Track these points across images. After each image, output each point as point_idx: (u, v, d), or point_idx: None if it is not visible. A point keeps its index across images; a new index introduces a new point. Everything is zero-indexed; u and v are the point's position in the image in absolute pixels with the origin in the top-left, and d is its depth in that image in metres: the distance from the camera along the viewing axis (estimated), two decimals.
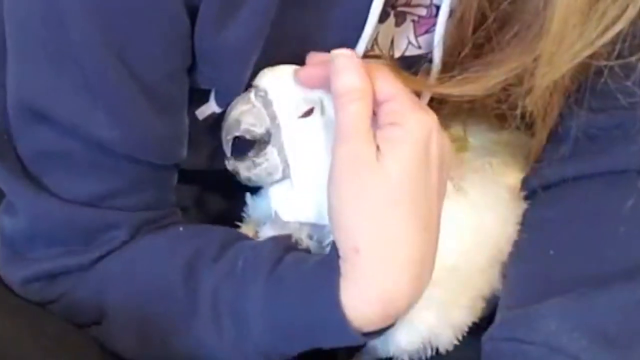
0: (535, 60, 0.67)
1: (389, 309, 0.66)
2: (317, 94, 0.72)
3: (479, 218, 0.75)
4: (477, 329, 0.74)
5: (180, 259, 0.71)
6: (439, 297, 0.72)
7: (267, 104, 0.71)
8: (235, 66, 0.70)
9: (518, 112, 0.71)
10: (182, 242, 0.73)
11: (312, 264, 0.68)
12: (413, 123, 0.67)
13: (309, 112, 0.71)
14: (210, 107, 0.73)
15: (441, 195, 0.69)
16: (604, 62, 0.67)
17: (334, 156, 0.67)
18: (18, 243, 0.73)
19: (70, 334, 0.72)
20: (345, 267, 0.66)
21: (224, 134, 0.73)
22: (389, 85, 0.69)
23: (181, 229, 0.74)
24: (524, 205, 0.76)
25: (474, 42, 0.72)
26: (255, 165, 0.72)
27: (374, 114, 0.68)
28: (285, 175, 0.72)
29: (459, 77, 0.70)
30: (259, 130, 0.71)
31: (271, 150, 0.72)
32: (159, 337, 0.71)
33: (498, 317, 0.71)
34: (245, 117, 0.71)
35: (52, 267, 0.72)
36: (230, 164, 0.73)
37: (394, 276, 0.66)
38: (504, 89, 0.71)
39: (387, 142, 0.67)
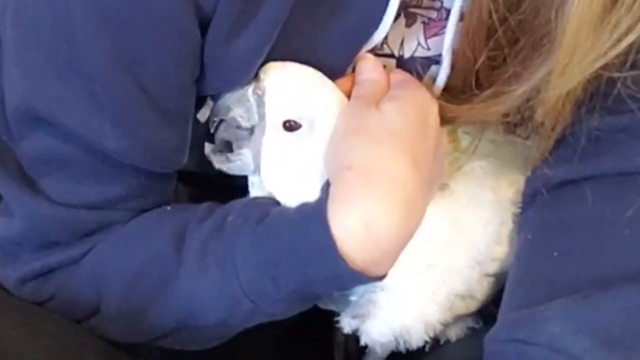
0: (548, 72, 0.67)
1: (372, 231, 0.66)
2: (313, 110, 0.71)
3: (459, 217, 0.75)
4: (479, 330, 0.75)
5: (170, 227, 0.71)
6: (412, 291, 0.73)
7: (260, 103, 0.71)
8: (243, 72, 0.70)
9: (530, 124, 0.71)
10: (170, 215, 0.73)
11: (299, 206, 0.70)
12: (417, 91, 0.73)
13: (295, 127, 0.71)
14: (210, 108, 0.73)
15: (437, 162, 0.72)
16: (617, 74, 0.67)
17: (339, 115, 0.71)
18: (12, 244, 0.73)
19: (69, 332, 0.71)
20: (335, 187, 0.68)
21: (211, 114, 0.72)
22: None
23: (168, 207, 0.74)
24: (512, 208, 0.77)
25: (488, 53, 0.72)
26: (228, 160, 0.72)
27: None
28: (257, 172, 0.73)
29: (482, 102, 0.72)
30: (245, 123, 0.71)
31: (247, 153, 0.72)
32: (147, 302, 0.71)
33: (500, 318, 0.71)
34: (237, 107, 0.71)
35: (45, 264, 0.72)
36: (207, 151, 0.73)
37: (376, 197, 0.66)
38: None
39: (390, 98, 0.71)
